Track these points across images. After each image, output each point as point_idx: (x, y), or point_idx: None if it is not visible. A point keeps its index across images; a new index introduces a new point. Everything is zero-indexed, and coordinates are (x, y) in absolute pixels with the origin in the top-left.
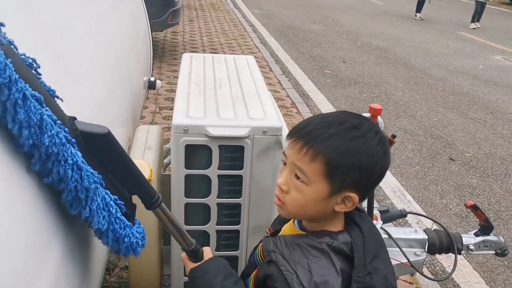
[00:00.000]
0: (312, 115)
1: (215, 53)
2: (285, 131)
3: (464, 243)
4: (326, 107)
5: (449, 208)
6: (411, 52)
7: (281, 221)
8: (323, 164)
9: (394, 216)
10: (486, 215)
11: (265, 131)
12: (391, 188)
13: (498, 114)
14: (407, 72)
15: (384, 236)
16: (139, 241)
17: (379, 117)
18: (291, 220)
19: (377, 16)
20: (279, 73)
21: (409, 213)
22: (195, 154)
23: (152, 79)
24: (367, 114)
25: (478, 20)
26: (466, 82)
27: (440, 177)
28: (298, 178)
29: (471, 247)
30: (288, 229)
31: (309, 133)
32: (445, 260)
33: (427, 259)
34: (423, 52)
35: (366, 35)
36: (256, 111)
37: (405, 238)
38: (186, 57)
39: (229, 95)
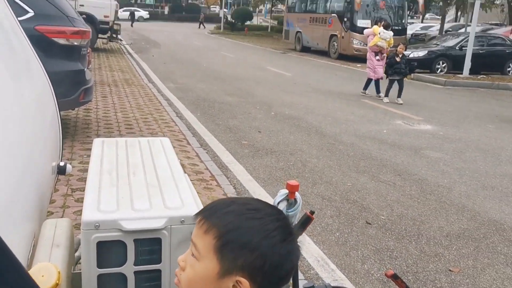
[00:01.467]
0: (232, 186)
1: (130, 128)
2: None
3: None
4: (245, 177)
5: (371, 273)
6: (322, 120)
7: None
8: (214, 238)
9: None
10: (406, 283)
11: (183, 220)
12: (314, 257)
13: (405, 175)
14: (319, 139)
15: None
16: None
17: (297, 193)
18: None
19: (288, 87)
20: (197, 146)
21: (333, 287)
22: (108, 251)
23: (62, 163)
24: (284, 191)
25: (399, 96)
26: (373, 146)
27: (360, 242)
28: (193, 254)
29: None
30: None
31: (210, 209)
32: None
33: None
34: (333, 120)
35: (279, 105)
36: (173, 199)
37: None
38: (97, 143)
39: (144, 182)
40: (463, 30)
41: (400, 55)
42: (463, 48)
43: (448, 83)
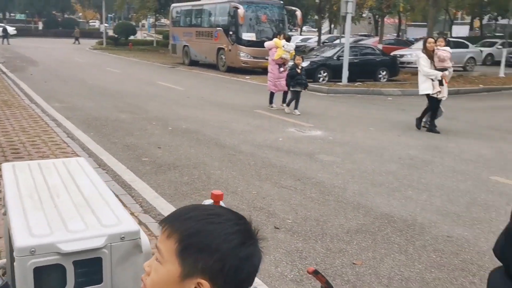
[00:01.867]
0: (138, 205)
1: (17, 153)
2: (142, 233)
3: None
4: (151, 195)
5: (284, 275)
6: (219, 132)
7: None
8: (176, 242)
9: None
10: (326, 277)
11: (123, 237)
12: None
13: (304, 179)
14: (220, 151)
15: None
16: None
17: (221, 202)
18: None
19: (181, 101)
20: (95, 166)
21: None
22: (47, 276)
23: None
24: (209, 201)
25: (296, 108)
26: (271, 154)
27: (271, 247)
28: (157, 259)
29: None
30: None
31: (173, 215)
32: None
33: None
34: (230, 131)
35: (175, 120)
36: (108, 217)
37: None
38: (6, 168)
39: (71, 203)
40: (338, 41)
41: (300, 67)
42: (340, 58)
43: (330, 91)
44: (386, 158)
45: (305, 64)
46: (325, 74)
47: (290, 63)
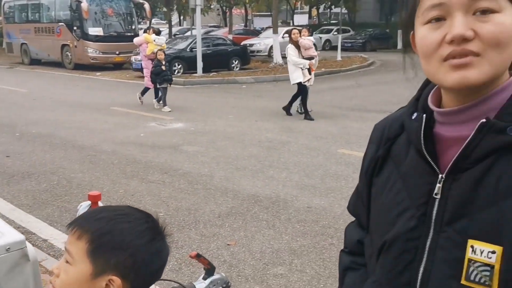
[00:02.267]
0: None
1: None
2: (27, 242)
3: None
4: (6, 207)
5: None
6: (76, 133)
7: None
8: (87, 243)
9: None
10: (208, 259)
11: (8, 248)
12: None
13: (171, 172)
14: (79, 153)
15: None
16: None
17: (99, 203)
18: None
19: (27, 104)
20: None
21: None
22: None
23: None
24: (87, 203)
25: (164, 104)
26: (135, 150)
27: None
28: (67, 261)
29: None
30: None
31: (83, 217)
32: None
33: None
34: (88, 131)
35: (23, 125)
36: None
37: None
38: None
39: None
40: (189, 33)
41: (164, 62)
42: (193, 49)
43: (186, 83)
44: (247, 143)
45: None
46: (179, 66)
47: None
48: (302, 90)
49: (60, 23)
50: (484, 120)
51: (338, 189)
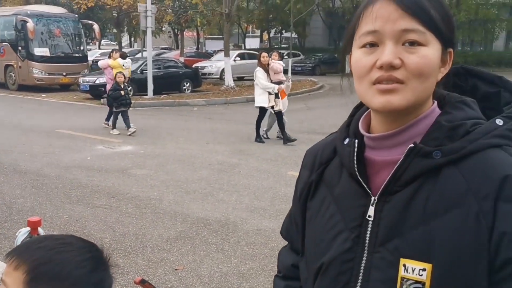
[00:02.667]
0: None
1: None
2: None
3: None
4: None
5: None
6: (18, 157)
7: None
8: (24, 273)
9: None
10: (154, 285)
11: None
12: None
13: (118, 196)
14: (20, 178)
15: None
16: None
17: (40, 229)
18: None
19: None
20: None
21: None
22: None
23: None
24: (26, 229)
25: (113, 127)
26: (81, 174)
27: None
28: None
29: None
30: None
31: (22, 246)
32: None
33: None
34: (30, 155)
35: None
36: None
37: None
38: None
39: None
40: (140, 55)
41: (123, 85)
42: (144, 71)
43: (137, 105)
44: (197, 166)
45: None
46: (130, 88)
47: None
48: (262, 115)
49: (4, 43)
50: (412, 145)
51: (287, 211)
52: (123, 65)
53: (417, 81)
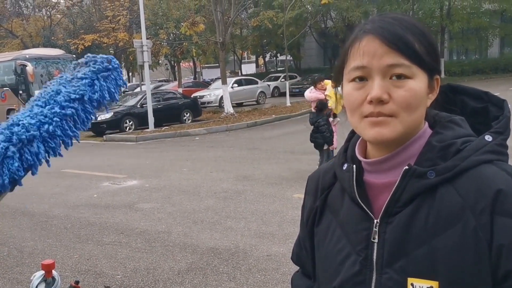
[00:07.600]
0: None
1: None
2: None
3: None
4: None
5: None
6: (25, 199)
7: None
8: None
9: None
10: None
11: None
12: None
13: (127, 232)
14: (29, 220)
15: None
16: None
17: (54, 271)
18: None
19: None
20: None
21: None
22: None
23: None
24: (40, 272)
25: None
26: (89, 213)
27: None
28: None
29: None
30: None
31: None
32: None
33: None
34: (38, 197)
35: None
36: None
37: None
38: None
39: None
40: (138, 89)
41: None
42: (144, 105)
43: (139, 139)
44: (203, 195)
45: (108, 115)
46: (131, 123)
47: None
48: None
49: (5, 88)
50: (406, 167)
51: (296, 234)
52: None
53: (406, 113)
